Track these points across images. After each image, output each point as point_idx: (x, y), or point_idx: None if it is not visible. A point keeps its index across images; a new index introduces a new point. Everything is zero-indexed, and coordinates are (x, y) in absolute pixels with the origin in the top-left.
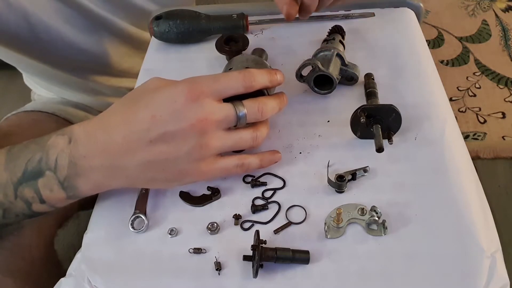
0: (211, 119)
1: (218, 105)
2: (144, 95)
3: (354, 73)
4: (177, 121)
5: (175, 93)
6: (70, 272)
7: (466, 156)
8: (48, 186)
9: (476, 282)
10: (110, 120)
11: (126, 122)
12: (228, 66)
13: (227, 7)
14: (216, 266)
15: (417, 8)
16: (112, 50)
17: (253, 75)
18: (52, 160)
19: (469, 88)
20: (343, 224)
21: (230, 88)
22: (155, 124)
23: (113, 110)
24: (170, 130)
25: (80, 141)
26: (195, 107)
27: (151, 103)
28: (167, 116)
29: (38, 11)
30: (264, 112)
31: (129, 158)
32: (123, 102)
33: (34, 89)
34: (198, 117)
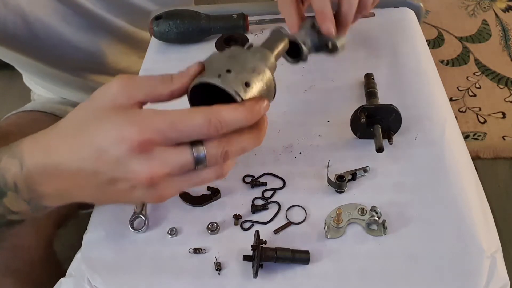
0: (161, 172)
1: (170, 153)
2: (92, 124)
3: (331, 41)
4: (122, 171)
5: (121, 138)
6: (70, 272)
7: (466, 156)
8: (15, 204)
9: (476, 282)
10: (57, 146)
11: (71, 154)
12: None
13: (227, 7)
14: (216, 266)
15: (417, 8)
16: (110, 49)
17: (223, 122)
18: (11, 183)
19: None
20: (343, 224)
21: (189, 136)
22: (101, 168)
23: (60, 132)
24: (116, 177)
25: (31, 168)
26: (141, 160)
27: (96, 142)
28: (112, 163)
29: (35, 10)
30: (229, 156)
31: (79, 188)
32: (71, 124)
33: (33, 89)
34: (145, 174)
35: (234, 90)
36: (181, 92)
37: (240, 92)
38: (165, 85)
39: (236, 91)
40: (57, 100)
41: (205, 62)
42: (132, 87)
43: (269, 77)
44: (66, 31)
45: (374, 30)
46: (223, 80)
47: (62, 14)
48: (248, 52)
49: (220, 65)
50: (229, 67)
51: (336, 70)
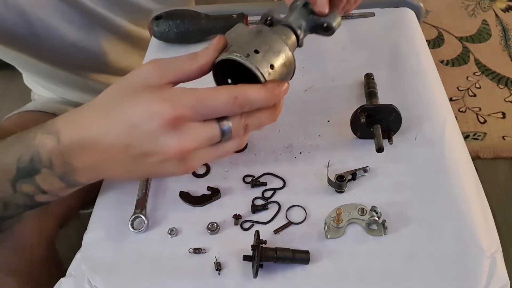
0: (191, 147)
1: (200, 128)
2: (124, 101)
3: (327, 20)
4: (154, 145)
5: (153, 114)
6: (70, 272)
7: (466, 156)
8: (47, 180)
9: (476, 282)
10: (91, 121)
11: (104, 129)
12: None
13: (227, 7)
14: (216, 266)
15: (417, 8)
16: (110, 48)
17: (248, 100)
18: (46, 159)
19: (469, 88)
20: (343, 224)
21: (216, 112)
22: (132, 142)
23: (93, 108)
24: (149, 151)
25: (68, 144)
26: (173, 135)
27: (128, 118)
28: (143, 137)
29: (35, 8)
30: (249, 130)
31: (113, 165)
32: (105, 100)
33: (34, 89)
34: (177, 147)
35: (260, 72)
36: (208, 67)
37: (265, 74)
38: (192, 61)
39: (261, 73)
40: (57, 100)
41: (231, 34)
42: (162, 68)
43: (291, 60)
44: (67, 30)
45: (374, 30)
46: (251, 60)
47: (62, 13)
48: (274, 32)
49: (248, 43)
50: (257, 47)
51: (336, 70)
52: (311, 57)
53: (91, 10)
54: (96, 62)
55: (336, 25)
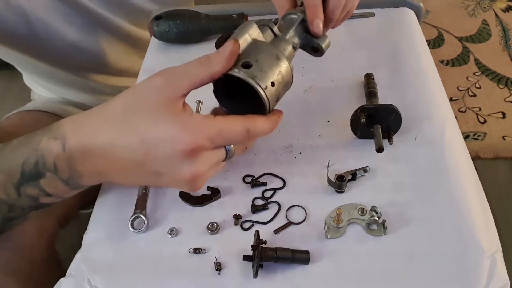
0: (203, 171)
1: (212, 155)
2: (142, 119)
3: (318, 43)
4: (169, 168)
5: (174, 141)
6: (70, 272)
7: (466, 156)
8: (52, 184)
9: (476, 282)
10: (103, 133)
11: (118, 145)
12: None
13: (227, 7)
14: (216, 266)
15: (417, 8)
16: (110, 48)
17: (256, 132)
18: (50, 163)
19: (469, 88)
20: (343, 224)
21: (229, 142)
22: (148, 162)
23: (105, 118)
24: (162, 171)
25: (73, 149)
26: (190, 162)
27: (147, 138)
28: (160, 160)
29: (36, 9)
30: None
31: (124, 175)
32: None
33: (34, 89)
34: (191, 172)
35: (269, 107)
36: (221, 74)
37: (272, 107)
38: (205, 68)
39: (270, 108)
40: (57, 100)
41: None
42: (176, 80)
43: (290, 83)
44: (67, 30)
45: (374, 30)
46: (268, 94)
47: (63, 13)
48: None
49: (268, 72)
50: (274, 79)
51: (336, 70)
52: (311, 57)
53: (91, 11)
54: (95, 63)
55: (325, 47)
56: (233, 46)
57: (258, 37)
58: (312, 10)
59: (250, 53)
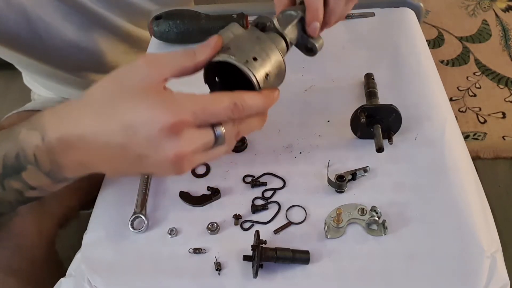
0: (187, 151)
1: (197, 134)
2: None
3: (313, 43)
4: (151, 149)
5: (154, 119)
6: (70, 272)
7: (466, 156)
8: (34, 177)
9: (476, 282)
10: (83, 119)
11: (99, 128)
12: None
13: (227, 7)
14: (216, 266)
15: (417, 8)
16: (110, 48)
17: (245, 106)
18: (31, 156)
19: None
20: (343, 224)
21: (216, 118)
22: (130, 144)
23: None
24: (145, 154)
25: (53, 139)
26: (172, 140)
27: (127, 120)
28: (143, 142)
29: (37, 8)
30: (239, 136)
31: (104, 163)
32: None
33: (34, 89)
34: (174, 152)
35: (257, 80)
36: (204, 64)
37: (261, 82)
38: (189, 58)
39: (258, 81)
40: (57, 100)
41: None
42: (159, 65)
43: (283, 70)
44: (67, 30)
45: (374, 30)
46: (250, 66)
47: (63, 12)
48: (271, 39)
49: (247, 48)
50: (256, 54)
51: (336, 70)
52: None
53: (91, 10)
54: (95, 62)
55: (319, 47)
56: (217, 39)
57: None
58: (312, 13)
59: (231, 42)
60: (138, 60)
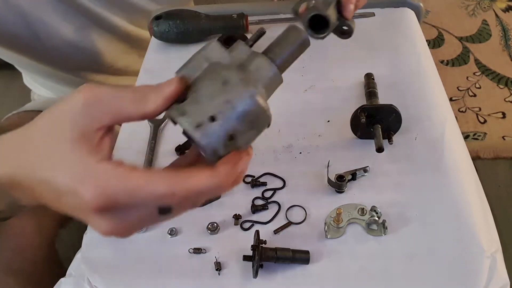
0: (122, 228)
1: (132, 212)
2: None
3: (349, 24)
4: (84, 218)
5: (76, 193)
6: (70, 272)
7: (466, 156)
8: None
9: (476, 282)
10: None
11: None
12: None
13: (227, 7)
14: (216, 266)
15: (417, 8)
16: (109, 47)
17: (190, 192)
18: None
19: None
20: (343, 224)
21: (151, 205)
22: (60, 204)
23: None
24: (80, 217)
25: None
26: (102, 219)
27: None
28: (69, 208)
29: (35, 9)
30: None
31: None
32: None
33: (34, 89)
34: (105, 229)
35: (212, 150)
36: (155, 114)
37: (219, 150)
38: (136, 105)
39: (214, 151)
40: (57, 100)
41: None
42: (97, 108)
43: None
44: (66, 30)
45: (374, 30)
46: (203, 131)
47: (62, 12)
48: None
49: (205, 101)
50: (215, 111)
51: (336, 70)
52: (311, 57)
53: (90, 10)
54: (94, 63)
55: (354, 28)
56: (175, 85)
57: (220, 58)
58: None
59: (194, 85)
60: (77, 95)
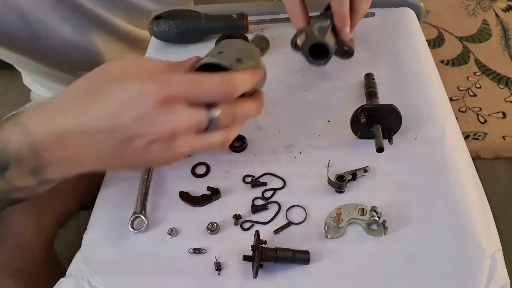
0: (180, 128)
1: (189, 112)
2: (109, 85)
3: (349, 46)
4: (142, 127)
5: (143, 93)
6: (70, 272)
7: (466, 156)
8: (18, 176)
9: (476, 282)
10: (67, 109)
11: (86, 115)
12: (217, 49)
13: (227, 7)
14: (216, 266)
15: (417, 8)
16: (109, 48)
17: (236, 84)
18: (13, 154)
19: (469, 88)
20: (343, 224)
21: (206, 95)
22: (119, 125)
23: (70, 97)
24: (136, 135)
25: (36, 134)
26: (164, 114)
27: (115, 100)
28: (132, 120)
29: (34, 9)
30: (237, 119)
31: (92, 153)
32: (81, 89)
33: (33, 89)
34: (166, 127)
35: (230, 64)
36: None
37: (233, 66)
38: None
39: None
40: None
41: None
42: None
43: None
44: (66, 30)
45: (374, 30)
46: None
47: (61, 12)
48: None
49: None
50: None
51: (336, 70)
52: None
53: (89, 10)
54: (94, 63)
55: (354, 48)
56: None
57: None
58: (341, 20)
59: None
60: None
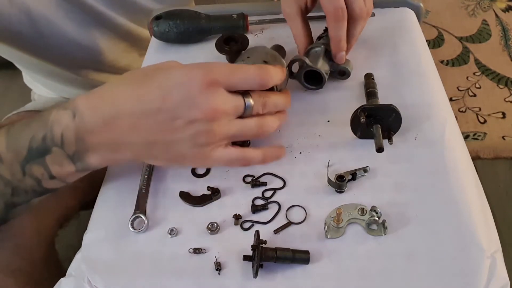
0: (221, 109)
1: (229, 96)
2: (158, 73)
3: (345, 68)
4: (188, 107)
5: (190, 78)
6: (70, 272)
7: (466, 156)
8: (57, 161)
9: (476, 282)
10: (118, 94)
11: (135, 98)
12: (245, 55)
13: (227, 7)
14: (216, 266)
15: (417, 8)
16: (111, 46)
17: (270, 73)
18: (58, 136)
19: (469, 88)
20: (343, 224)
21: (245, 83)
22: (165, 106)
23: (120, 83)
24: (180, 114)
25: (85, 116)
26: (208, 95)
27: (164, 84)
28: (179, 100)
29: (39, 6)
30: (267, 107)
31: (136, 135)
32: (133, 76)
33: (34, 88)
34: (210, 106)
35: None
36: None
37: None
38: None
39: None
40: (57, 100)
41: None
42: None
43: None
44: (69, 28)
45: (374, 30)
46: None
47: (65, 10)
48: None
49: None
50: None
51: None
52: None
53: (93, 8)
54: (96, 61)
55: (351, 69)
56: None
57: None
58: (337, 45)
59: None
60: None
